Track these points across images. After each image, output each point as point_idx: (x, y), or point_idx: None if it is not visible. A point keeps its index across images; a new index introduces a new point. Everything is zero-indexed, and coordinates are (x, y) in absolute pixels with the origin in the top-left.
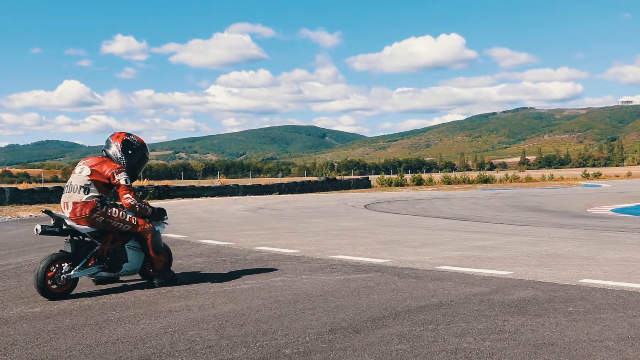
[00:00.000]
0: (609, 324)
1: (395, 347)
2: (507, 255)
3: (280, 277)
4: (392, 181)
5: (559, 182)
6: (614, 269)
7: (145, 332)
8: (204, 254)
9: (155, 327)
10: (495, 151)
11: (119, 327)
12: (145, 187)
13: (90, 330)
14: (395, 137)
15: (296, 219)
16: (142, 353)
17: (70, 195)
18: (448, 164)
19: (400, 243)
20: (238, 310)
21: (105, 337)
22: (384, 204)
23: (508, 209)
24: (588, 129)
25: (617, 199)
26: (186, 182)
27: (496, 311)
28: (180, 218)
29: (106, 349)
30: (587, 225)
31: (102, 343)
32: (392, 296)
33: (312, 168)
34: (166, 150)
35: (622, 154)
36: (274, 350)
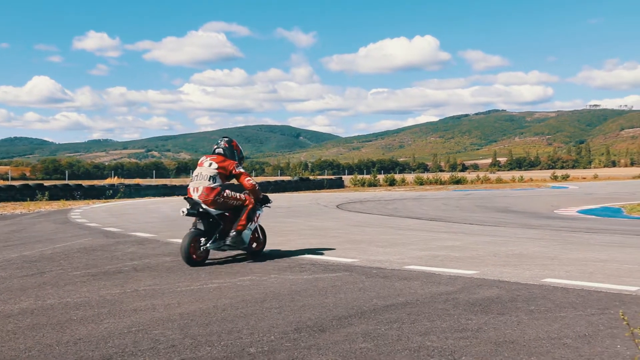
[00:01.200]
0: (568, 322)
1: (359, 345)
2: (474, 255)
3: (249, 276)
4: (365, 181)
5: (528, 184)
6: (576, 269)
7: (108, 332)
8: (173, 253)
9: (119, 327)
10: (467, 152)
11: (81, 327)
12: (115, 185)
13: (52, 330)
14: (369, 137)
15: (268, 218)
16: (104, 353)
17: (201, 182)
18: (421, 164)
19: (369, 243)
20: (204, 309)
21: (66, 336)
22: (356, 204)
23: (478, 209)
24: (557, 132)
25: (584, 201)
26: (158, 180)
27: (460, 310)
28: (151, 217)
29: (67, 348)
30: (553, 226)
31: (63, 343)
32: (359, 295)
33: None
34: (139, 149)
35: (589, 156)
36: (238, 350)
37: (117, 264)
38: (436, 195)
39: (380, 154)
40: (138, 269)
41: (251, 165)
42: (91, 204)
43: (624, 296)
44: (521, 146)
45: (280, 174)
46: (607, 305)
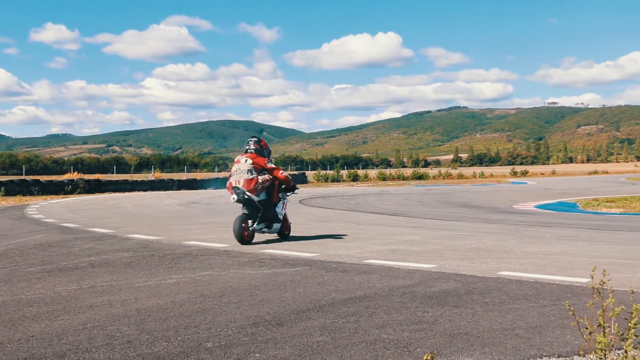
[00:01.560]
0: (521, 313)
1: (316, 339)
2: (433, 249)
3: (208, 271)
4: (328, 177)
5: (489, 179)
6: (531, 262)
7: (62, 329)
8: (132, 248)
9: (74, 323)
10: (429, 149)
11: (34, 324)
12: (75, 180)
13: (3, 328)
14: (332, 133)
15: (229, 213)
16: (57, 349)
17: (241, 175)
18: (384, 160)
19: (330, 237)
20: (162, 304)
21: (18, 334)
22: (318, 199)
23: (439, 204)
24: (517, 129)
25: (541, 196)
26: (119, 176)
27: (417, 303)
28: (110, 212)
29: (19, 346)
30: (511, 220)
31: (15, 340)
32: (318, 289)
33: None
34: (99, 144)
35: (547, 152)
36: (195, 344)
37: (74, 260)
38: (398, 191)
39: (344, 149)
40: (95, 265)
41: (214, 161)
42: (49, 200)
43: (575, 288)
44: (482, 142)
45: None
46: (559, 297)
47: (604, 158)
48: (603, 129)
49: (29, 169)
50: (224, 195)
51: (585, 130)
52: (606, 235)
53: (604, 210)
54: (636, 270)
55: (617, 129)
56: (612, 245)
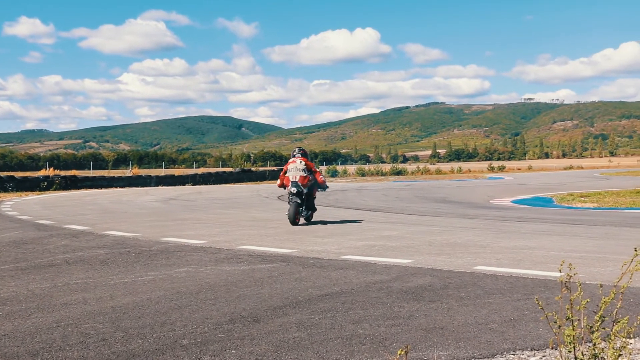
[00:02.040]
0: (495, 307)
1: (293, 335)
2: (410, 244)
3: (185, 268)
4: None
5: (466, 175)
6: (506, 256)
7: (35, 327)
8: (108, 245)
9: (47, 321)
10: (408, 144)
11: (7, 322)
12: (50, 177)
13: None
14: (311, 129)
15: (207, 210)
16: (30, 348)
17: (297, 172)
18: (363, 156)
19: (308, 233)
20: (137, 302)
21: None
22: None
23: (417, 200)
24: (494, 124)
25: (518, 191)
26: (96, 172)
27: (394, 298)
28: (86, 209)
29: None
30: (488, 215)
31: None
32: (295, 285)
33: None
34: (76, 139)
35: (524, 148)
36: (170, 342)
37: (49, 257)
38: (377, 187)
39: (323, 145)
40: (70, 262)
41: (192, 156)
42: (24, 196)
43: (548, 282)
44: (460, 138)
45: (223, 166)
46: (533, 291)
47: (578, 153)
48: (578, 125)
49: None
50: (203, 191)
51: (561, 125)
52: (580, 229)
53: (578, 205)
54: (607, 264)
55: (591, 125)
56: (586, 239)
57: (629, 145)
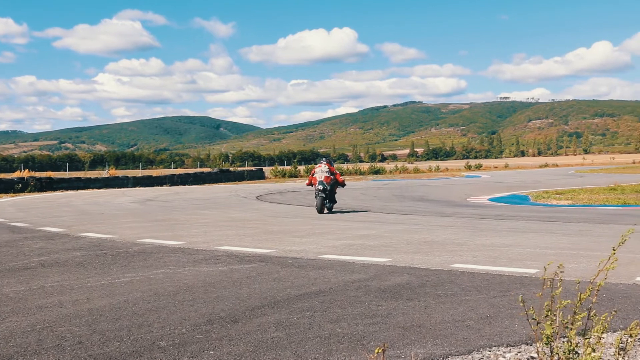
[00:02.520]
0: (472, 304)
1: (271, 335)
2: (388, 243)
3: (162, 269)
4: (285, 172)
5: (444, 173)
6: (482, 254)
7: (10, 331)
8: (84, 247)
9: (22, 325)
10: (386, 143)
11: None
12: (25, 178)
13: None
14: (289, 128)
15: (185, 210)
16: (4, 352)
17: (322, 174)
18: (341, 155)
19: (287, 233)
20: (114, 304)
21: None
22: (275, 195)
23: (395, 199)
24: (471, 123)
25: (494, 189)
26: (72, 173)
27: (371, 297)
28: (62, 211)
29: None
30: (465, 213)
31: None
32: (274, 285)
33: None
34: (51, 141)
35: (500, 146)
36: (148, 343)
37: (23, 260)
38: (355, 186)
39: (301, 145)
40: (46, 265)
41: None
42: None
43: (524, 278)
44: (437, 137)
45: (201, 166)
46: (509, 288)
47: (554, 151)
48: (552, 123)
49: None
50: (180, 192)
51: (536, 124)
52: (555, 226)
53: (553, 202)
54: (582, 261)
55: (565, 123)
56: (561, 236)
57: (602, 143)
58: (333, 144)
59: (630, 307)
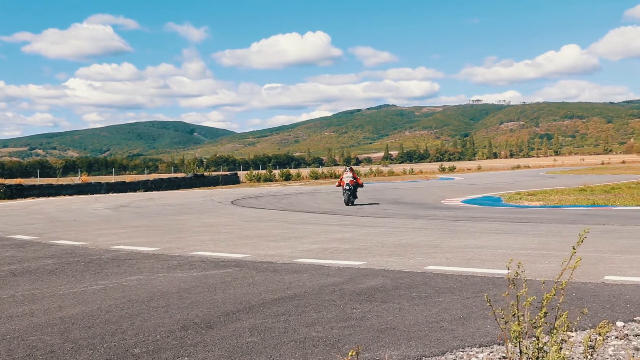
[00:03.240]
0: (445, 306)
1: (246, 340)
2: (362, 246)
3: (136, 275)
4: (260, 177)
5: (418, 176)
6: (456, 256)
7: None
8: (56, 255)
9: None
10: (360, 146)
11: None
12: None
13: None
14: (264, 132)
15: (159, 216)
16: None
17: (348, 178)
18: (316, 159)
19: (262, 238)
20: (87, 312)
21: None
22: (250, 200)
23: (370, 202)
24: (444, 126)
25: (468, 191)
26: (43, 180)
27: (346, 300)
28: (33, 218)
29: None
30: (439, 215)
31: None
32: (248, 290)
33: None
34: (21, 147)
35: (473, 148)
36: (122, 351)
37: None
38: (330, 190)
39: (276, 149)
40: (16, 274)
41: (144, 162)
42: None
43: (496, 279)
44: (411, 140)
45: (175, 171)
46: (482, 289)
47: (525, 153)
48: (524, 125)
49: None
50: (154, 198)
51: (508, 126)
52: (527, 227)
53: (525, 204)
54: (552, 261)
55: (536, 125)
56: (532, 237)
57: (572, 145)
58: (308, 148)
59: (598, 305)
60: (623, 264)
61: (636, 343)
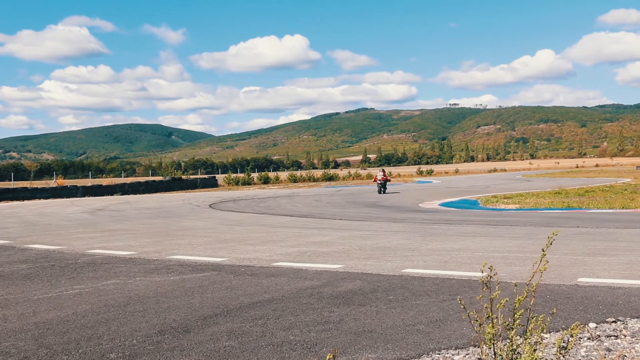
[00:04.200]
0: (422, 309)
1: (223, 344)
2: (340, 249)
3: (112, 280)
4: (239, 180)
5: (396, 179)
6: (433, 259)
7: None
8: (30, 259)
9: None
10: (339, 150)
11: None
12: None
13: None
14: (242, 136)
15: (137, 220)
16: None
17: (381, 176)
18: (295, 162)
19: (240, 241)
20: (62, 317)
21: None
22: (229, 203)
23: (348, 205)
24: (422, 129)
25: (445, 194)
26: (17, 183)
27: (324, 303)
28: (7, 222)
29: None
30: (417, 219)
31: None
32: (226, 294)
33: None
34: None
35: (451, 152)
36: (97, 356)
37: None
38: (309, 192)
39: (254, 152)
40: None
41: (121, 166)
42: None
43: (472, 282)
44: (389, 143)
45: (152, 174)
46: (458, 291)
47: (502, 156)
48: (500, 129)
49: None
50: (131, 201)
51: (485, 130)
52: (503, 230)
53: (502, 207)
54: (527, 263)
55: (512, 129)
56: (508, 239)
57: (547, 148)
58: (286, 151)
59: (571, 307)
60: (596, 266)
61: (608, 344)
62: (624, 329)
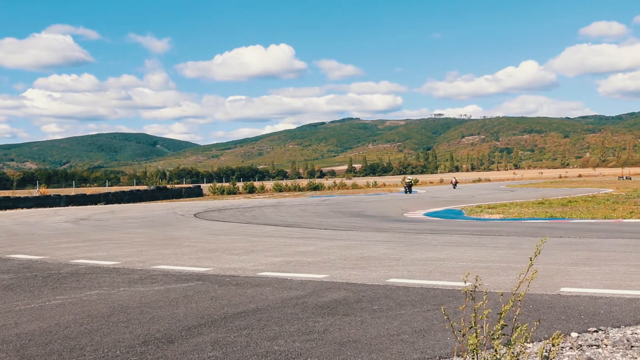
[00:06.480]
0: (407, 318)
1: (208, 354)
2: (325, 259)
3: (96, 290)
4: (224, 189)
5: (382, 189)
6: (418, 268)
7: None
8: (12, 269)
9: None
10: (324, 159)
11: None
12: None
13: None
14: (228, 145)
15: (121, 229)
16: None
17: (406, 180)
18: (280, 172)
19: (225, 251)
20: (45, 327)
21: None
22: (214, 213)
23: (333, 215)
24: (407, 139)
25: (430, 204)
26: (0, 192)
27: (309, 313)
28: None
29: None
30: (402, 228)
31: None
32: (211, 304)
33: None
34: None
35: (436, 162)
36: None
37: None
38: (294, 202)
39: (240, 161)
40: None
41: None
42: None
43: (456, 292)
44: (375, 153)
45: (137, 183)
46: (442, 301)
47: (486, 166)
48: (485, 139)
49: None
50: (116, 210)
51: (469, 140)
52: (487, 240)
53: (486, 216)
54: (510, 273)
55: (496, 139)
56: (492, 249)
57: (531, 158)
58: (272, 161)
59: (554, 317)
60: (578, 276)
61: (589, 354)
62: (605, 339)
